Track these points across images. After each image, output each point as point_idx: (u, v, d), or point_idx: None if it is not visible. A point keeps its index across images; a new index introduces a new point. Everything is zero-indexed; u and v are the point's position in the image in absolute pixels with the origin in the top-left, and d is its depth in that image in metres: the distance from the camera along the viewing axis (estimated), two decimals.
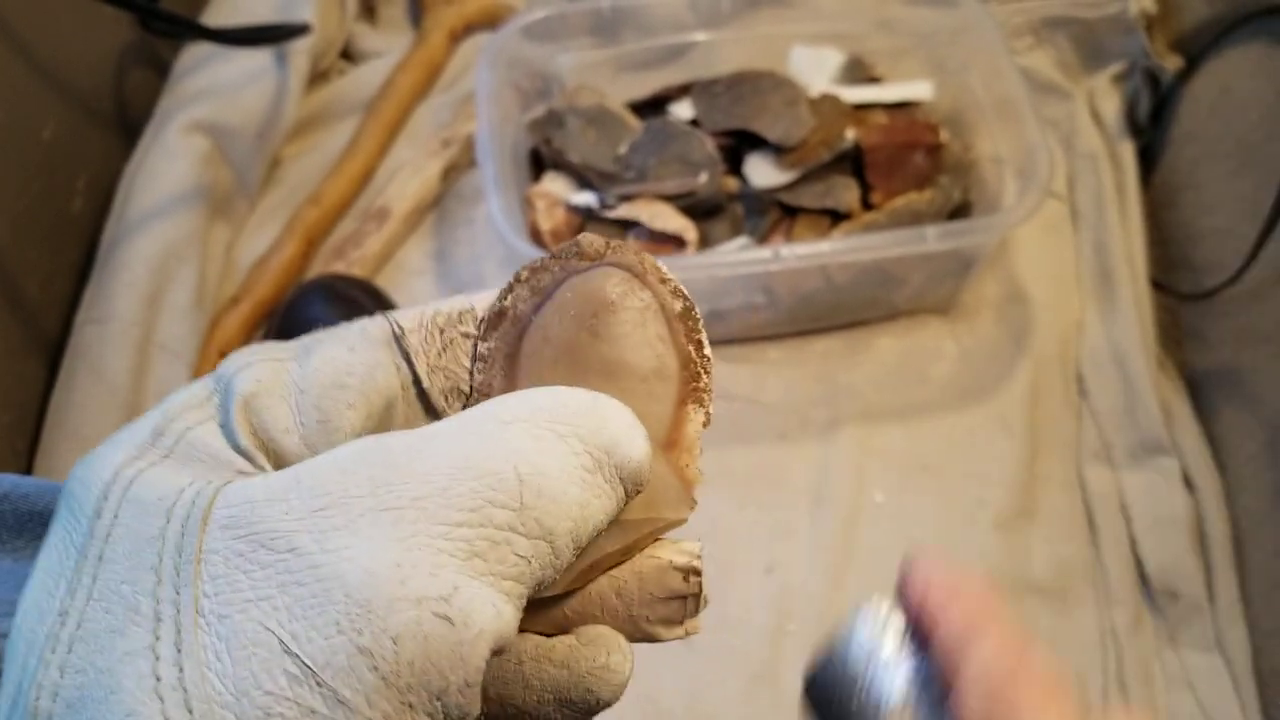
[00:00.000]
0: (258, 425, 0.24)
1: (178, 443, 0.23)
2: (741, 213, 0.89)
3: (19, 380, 0.80)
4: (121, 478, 0.22)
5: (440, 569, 0.20)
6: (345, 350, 0.26)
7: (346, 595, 0.20)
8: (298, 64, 0.94)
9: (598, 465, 0.23)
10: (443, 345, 0.27)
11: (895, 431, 0.85)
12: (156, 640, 0.20)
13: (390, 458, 0.21)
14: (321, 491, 0.21)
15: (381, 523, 0.20)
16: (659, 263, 0.28)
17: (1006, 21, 1.02)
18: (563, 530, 0.22)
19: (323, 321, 0.87)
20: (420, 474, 0.21)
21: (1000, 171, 0.87)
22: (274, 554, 0.20)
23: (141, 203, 0.85)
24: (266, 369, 0.25)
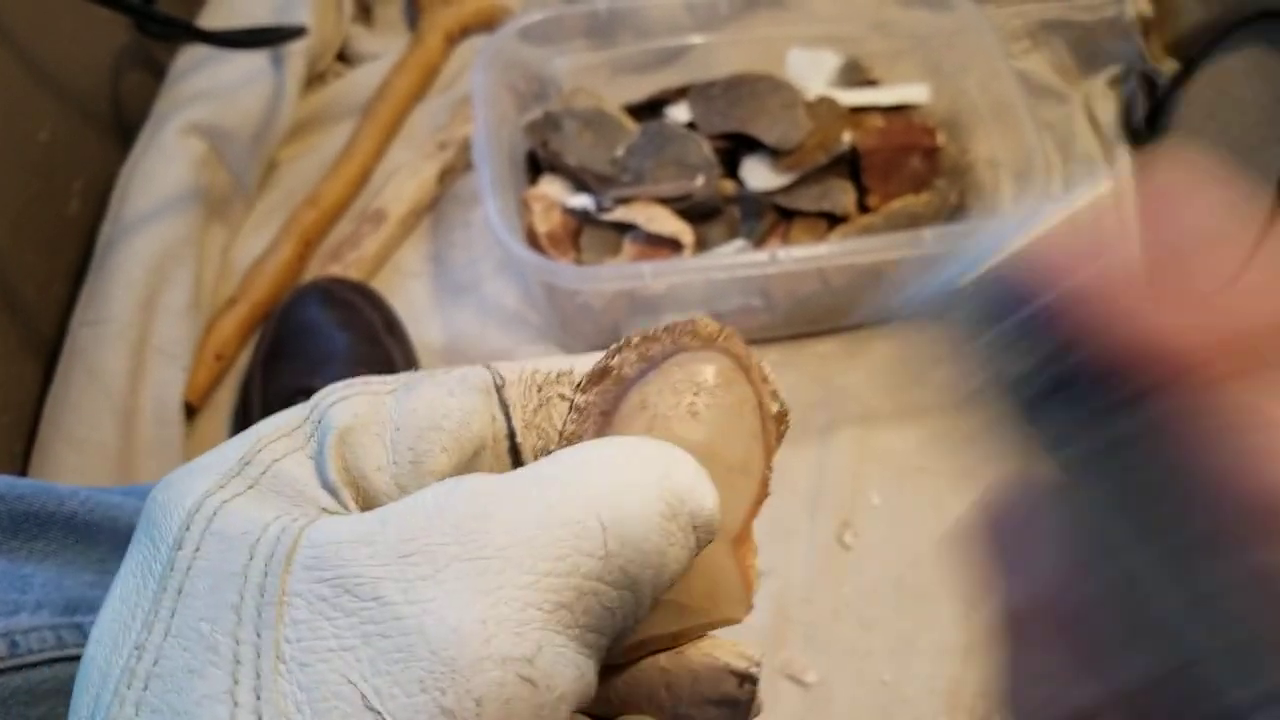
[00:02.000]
0: (351, 461, 0.24)
1: (264, 473, 0.23)
2: (738, 215, 0.89)
3: (15, 382, 0.79)
4: (205, 507, 0.22)
5: (525, 625, 0.20)
6: (445, 393, 0.25)
7: (431, 652, 0.19)
8: (294, 66, 0.94)
9: (673, 513, 0.22)
10: (539, 402, 0.26)
11: (893, 434, 0.85)
12: (235, 684, 0.19)
13: (476, 504, 0.21)
14: (407, 537, 0.20)
15: (467, 574, 0.20)
16: (764, 364, 0.29)
17: (1003, 25, 1.02)
18: (645, 580, 0.22)
19: (319, 324, 0.87)
20: (506, 522, 0.21)
21: (997, 174, 0.87)
22: (358, 601, 0.20)
23: (138, 205, 0.85)
24: (364, 403, 0.25)
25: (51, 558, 0.41)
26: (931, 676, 0.75)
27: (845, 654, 0.76)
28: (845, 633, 0.77)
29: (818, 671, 0.75)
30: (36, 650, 0.37)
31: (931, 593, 0.78)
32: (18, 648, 0.37)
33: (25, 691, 0.37)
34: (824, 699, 0.75)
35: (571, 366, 0.27)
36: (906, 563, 0.79)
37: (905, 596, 0.78)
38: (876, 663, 0.76)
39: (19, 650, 0.37)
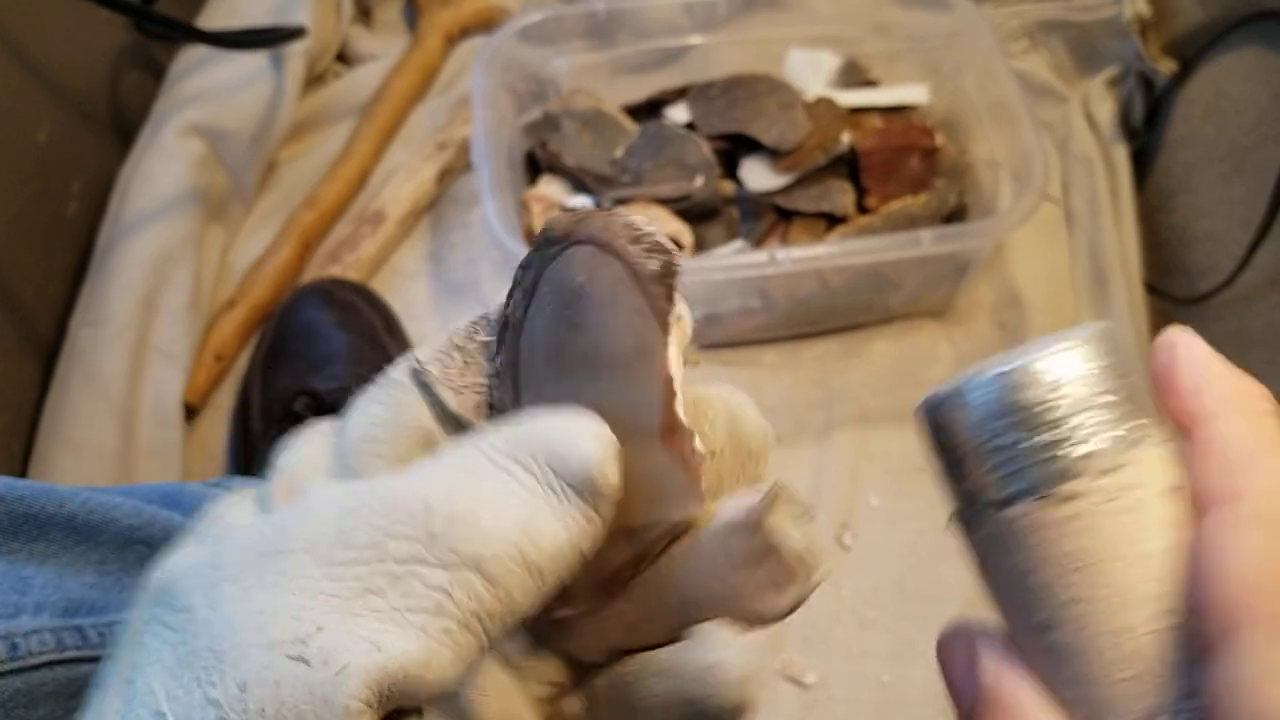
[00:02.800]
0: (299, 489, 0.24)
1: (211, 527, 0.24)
2: (737, 216, 0.89)
3: (13, 383, 0.79)
4: None
5: (306, 610, 0.20)
6: (369, 401, 0.26)
7: (208, 648, 0.20)
8: (293, 67, 0.94)
9: (545, 483, 0.22)
10: (464, 362, 0.26)
11: (891, 435, 0.85)
12: (115, 713, 0.21)
13: (308, 503, 0.21)
14: (225, 544, 0.21)
15: (267, 570, 0.20)
16: (632, 219, 0.25)
17: (1001, 25, 1.02)
18: (494, 553, 0.21)
19: (319, 325, 0.87)
20: (321, 517, 0.21)
21: (995, 175, 0.87)
22: (174, 613, 0.21)
23: (137, 206, 0.85)
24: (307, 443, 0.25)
25: (52, 559, 0.41)
26: (930, 678, 0.75)
27: (844, 655, 0.76)
28: (844, 634, 0.77)
29: (816, 673, 0.75)
30: (36, 653, 0.37)
31: (930, 594, 0.78)
32: (17, 650, 0.37)
33: (25, 694, 0.37)
34: (823, 700, 0.75)
35: (484, 313, 0.26)
36: (905, 564, 0.79)
37: (904, 598, 0.78)
38: (875, 664, 0.76)
39: (19, 653, 0.37)
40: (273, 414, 0.79)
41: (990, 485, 0.23)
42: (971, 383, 0.23)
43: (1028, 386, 0.23)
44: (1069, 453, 0.22)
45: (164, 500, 0.48)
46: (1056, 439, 0.22)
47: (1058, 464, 0.22)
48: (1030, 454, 0.22)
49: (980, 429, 0.23)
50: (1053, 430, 0.22)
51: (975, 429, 0.23)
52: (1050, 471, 0.22)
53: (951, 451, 0.24)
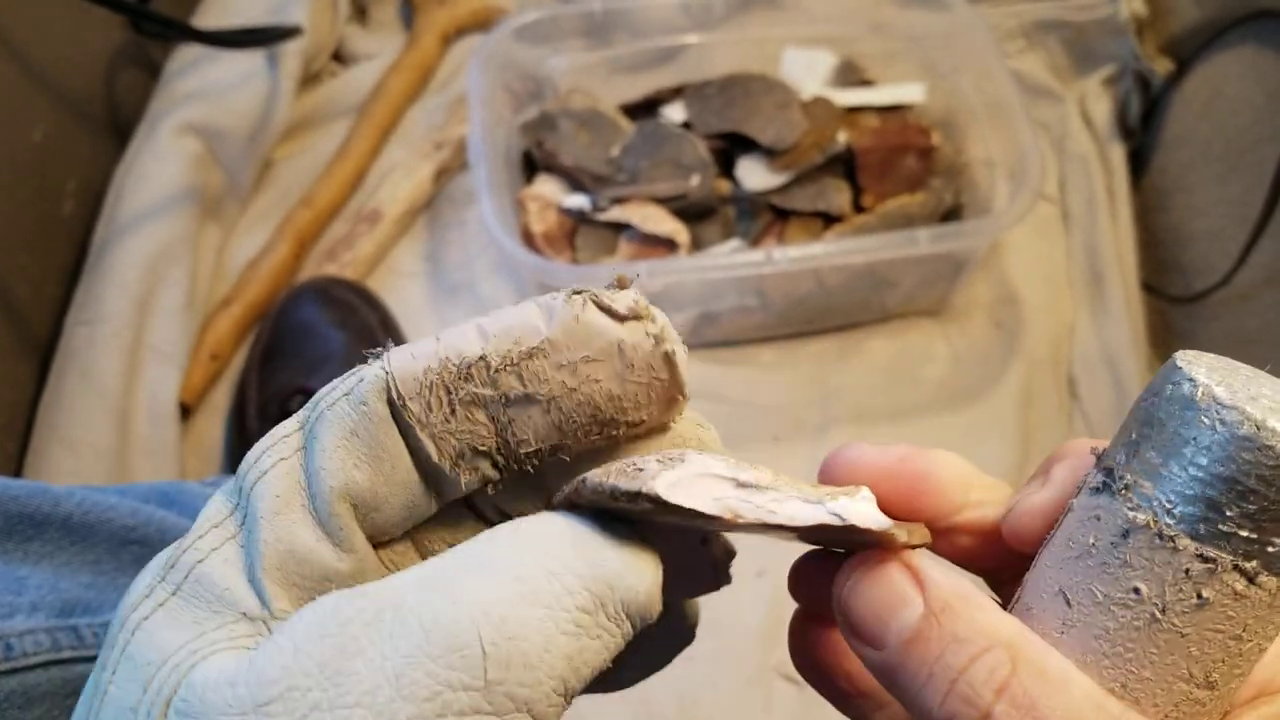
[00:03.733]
0: (288, 546, 0.22)
1: (185, 578, 0.22)
2: (733, 215, 0.89)
3: (9, 382, 0.79)
4: (129, 624, 0.22)
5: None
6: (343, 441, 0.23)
7: None
8: (289, 66, 0.93)
9: (598, 604, 0.21)
10: (451, 408, 0.23)
11: (888, 433, 0.85)
12: None
13: (346, 635, 0.20)
14: (269, 680, 0.20)
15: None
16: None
17: (998, 25, 1.02)
18: (542, 695, 0.20)
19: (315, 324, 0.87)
20: (373, 659, 0.19)
21: (992, 174, 0.87)
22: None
23: (132, 205, 0.85)
24: (282, 475, 0.23)
25: (47, 559, 0.41)
26: None
27: None
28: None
29: None
30: (31, 653, 0.37)
31: None
32: (13, 651, 0.37)
33: (20, 694, 0.37)
34: (820, 699, 0.75)
35: (480, 351, 0.23)
36: None
37: None
38: None
39: (14, 653, 0.37)
40: (269, 413, 0.79)
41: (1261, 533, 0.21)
42: None
43: None
44: None
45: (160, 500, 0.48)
46: None
47: None
48: None
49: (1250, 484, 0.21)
50: None
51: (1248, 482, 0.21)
52: None
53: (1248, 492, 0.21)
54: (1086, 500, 0.23)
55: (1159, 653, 0.22)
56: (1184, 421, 0.22)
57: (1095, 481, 0.23)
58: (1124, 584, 0.22)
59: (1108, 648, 0.22)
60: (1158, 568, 0.22)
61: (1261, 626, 0.22)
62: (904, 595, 0.23)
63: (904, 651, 0.22)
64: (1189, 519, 0.21)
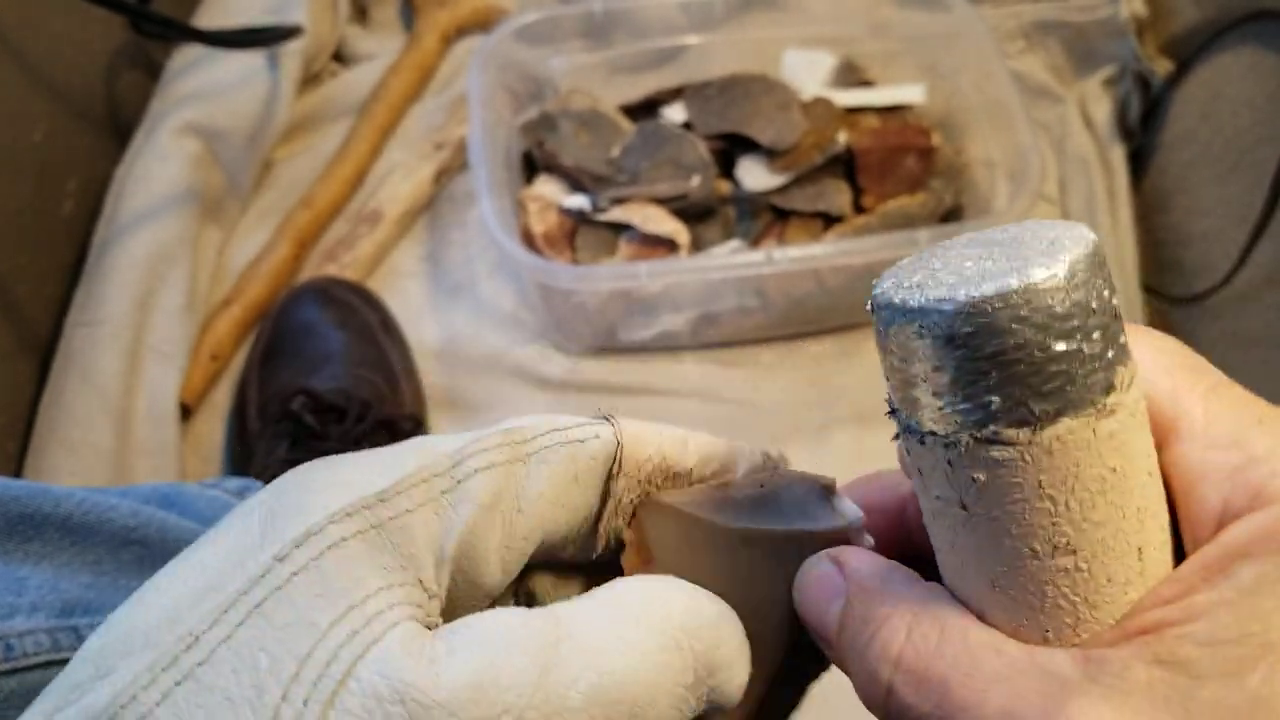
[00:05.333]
0: (477, 539, 0.23)
1: (392, 520, 0.22)
2: (734, 216, 0.89)
3: (9, 383, 0.79)
4: (325, 534, 0.21)
5: None
6: (572, 480, 0.25)
7: None
8: (289, 66, 0.93)
9: (697, 683, 0.23)
10: (638, 495, 0.26)
11: (887, 434, 0.85)
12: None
13: (539, 655, 0.21)
14: (473, 669, 0.21)
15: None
16: None
17: (998, 25, 1.02)
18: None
19: (316, 324, 0.86)
20: (558, 687, 0.21)
21: (992, 175, 0.87)
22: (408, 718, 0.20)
23: (133, 205, 0.85)
24: (502, 476, 0.24)
25: (47, 560, 0.41)
26: None
27: None
28: None
29: None
30: (31, 653, 0.37)
31: None
32: (13, 651, 0.37)
33: (20, 695, 0.37)
34: (820, 699, 0.75)
35: (694, 467, 0.26)
36: None
37: None
38: None
39: (14, 654, 0.37)
40: (269, 413, 0.79)
41: (1022, 400, 0.20)
42: (1004, 291, 0.20)
43: (1062, 293, 0.20)
44: (1107, 364, 0.20)
45: (160, 500, 0.48)
46: (1093, 352, 0.20)
47: (1098, 376, 0.20)
48: (1072, 367, 0.20)
49: (1011, 341, 0.20)
50: (1087, 341, 0.20)
51: (1005, 340, 0.20)
52: (1094, 383, 0.20)
53: (970, 365, 0.21)
54: (902, 454, 0.24)
55: (996, 548, 0.21)
56: (878, 336, 0.23)
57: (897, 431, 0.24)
58: (934, 505, 0.23)
59: (973, 573, 0.22)
60: (937, 474, 0.22)
61: (1064, 474, 0.20)
62: (833, 587, 0.24)
63: (837, 642, 0.24)
64: (925, 417, 0.22)
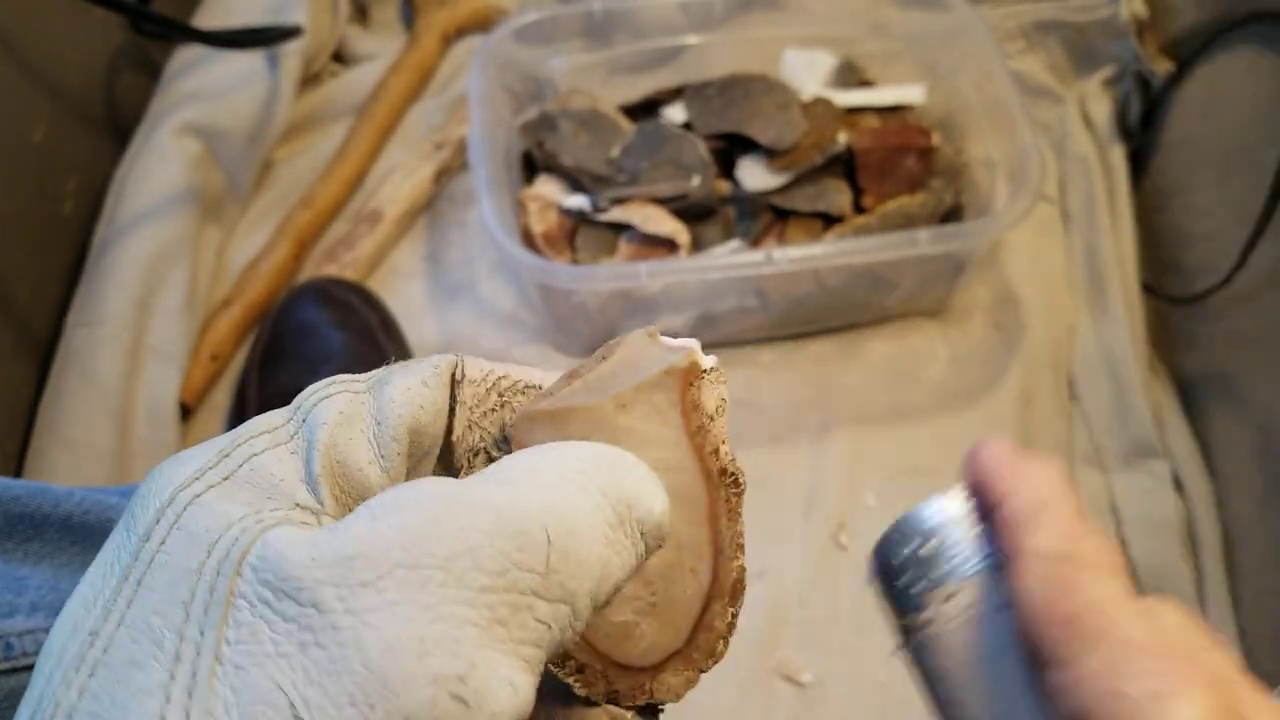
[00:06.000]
0: (340, 457, 0.24)
1: (240, 466, 0.23)
2: (734, 216, 0.89)
3: (9, 383, 0.79)
4: (178, 500, 0.22)
5: (461, 642, 0.20)
6: (419, 383, 0.25)
7: (364, 666, 0.19)
8: (289, 66, 0.93)
9: (620, 521, 0.22)
10: (493, 406, 0.26)
11: (887, 434, 0.85)
12: (171, 680, 0.19)
13: (426, 509, 0.21)
14: (352, 539, 0.20)
15: (408, 584, 0.20)
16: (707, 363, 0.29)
17: (998, 25, 1.02)
18: (584, 591, 0.22)
19: (316, 324, 0.86)
20: (453, 530, 0.21)
21: (992, 175, 0.87)
22: (298, 607, 0.20)
23: (132, 205, 0.85)
24: (345, 400, 0.25)
25: (47, 559, 0.41)
26: None
27: (841, 654, 0.76)
28: (840, 633, 0.77)
29: (813, 672, 0.75)
30: (31, 653, 0.37)
31: None
32: (12, 650, 0.37)
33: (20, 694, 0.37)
34: (820, 699, 0.75)
35: (541, 381, 0.27)
36: None
37: None
38: (872, 663, 0.76)
39: (14, 653, 0.37)
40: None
41: (901, 617, 0.30)
42: (889, 532, 0.30)
43: (909, 537, 0.29)
44: (924, 585, 0.29)
45: None
46: (921, 576, 0.29)
47: (917, 597, 0.29)
48: (909, 589, 0.29)
49: (890, 570, 0.30)
50: (921, 568, 0.29)
51: (888, 570, 0.30)
52: (916, 603, 0.29)
53: (885, 590, 0.31)
54: None
55: None
56: None
57: None
58: None
59: None
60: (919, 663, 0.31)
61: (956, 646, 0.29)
62: None
63: None
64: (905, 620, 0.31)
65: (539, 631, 0.21)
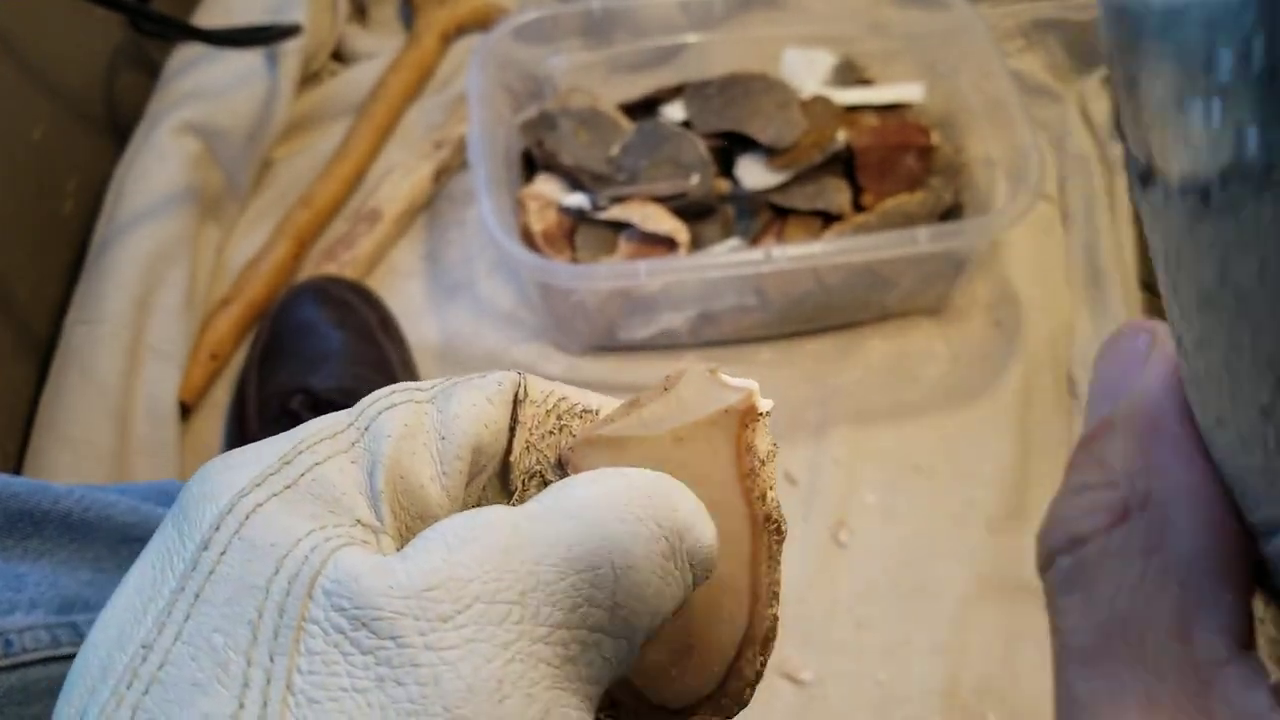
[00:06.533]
0: (405, 471, 0.23)
1: (303, 475, 0.22)
2: (733, 214, 0.89)
3: (9, 381, 0.79)
4: (239, 508, 0.21)
5: (536, 685, 0.19)
6: (485, 400, 0.25)
7: (445, 709, 0.18)
8: (288, 65, 0.93)
9: (673, 551, 0.22)
10: (551, 429, 0.26)
11: (886, 433, 0.85)
12: (240, 709, 0.19)
13: (499, 537, 0.20)
14: (430, 569, 0.20)
15: (487, 620, 0.19)
16: None
17: (997, 24, 1.02)
18: (642, 627, 0.21)
19: (315, 323, 0.86)
20: (527, 562, 0.20)
21: (991, 173, 0.87)
22: (376, 639, 0.19)
23: (132, 204, 0.85)
24: (410, 411, 0.24)
25: (47, 556, 0.41)
26: (926, 675, 0.75)
27: (840, 652, 0.76)
28: (840, 631, 0.77)
29: (813, 670, 0.75)
30: (31, 649, 0.37)
31: (926, 591, 0.78)
32: (12, 647, 0.37)
33: (20, 690, 0.37)
34: (819, 697, 0.75)
35: (598, 406, 0.26)
36: (901, 562, 0.79)
37: (900, 595, 0.78)
38: (871, 661, 0.76)
39: (13, 649, 0.37)
40: (269, 412, 0.79)
41: None
42: None
43: None
44: None
45: (160, 498, 0.48)
46: None
47: None
48: None
49: None
50: None
51: None
52: None
53: None
54: None
55: None
56: None
57: None
58: None
59: None
60: None
61: None
62: None
63: None
64: None
65: (603, 669, 0.21)
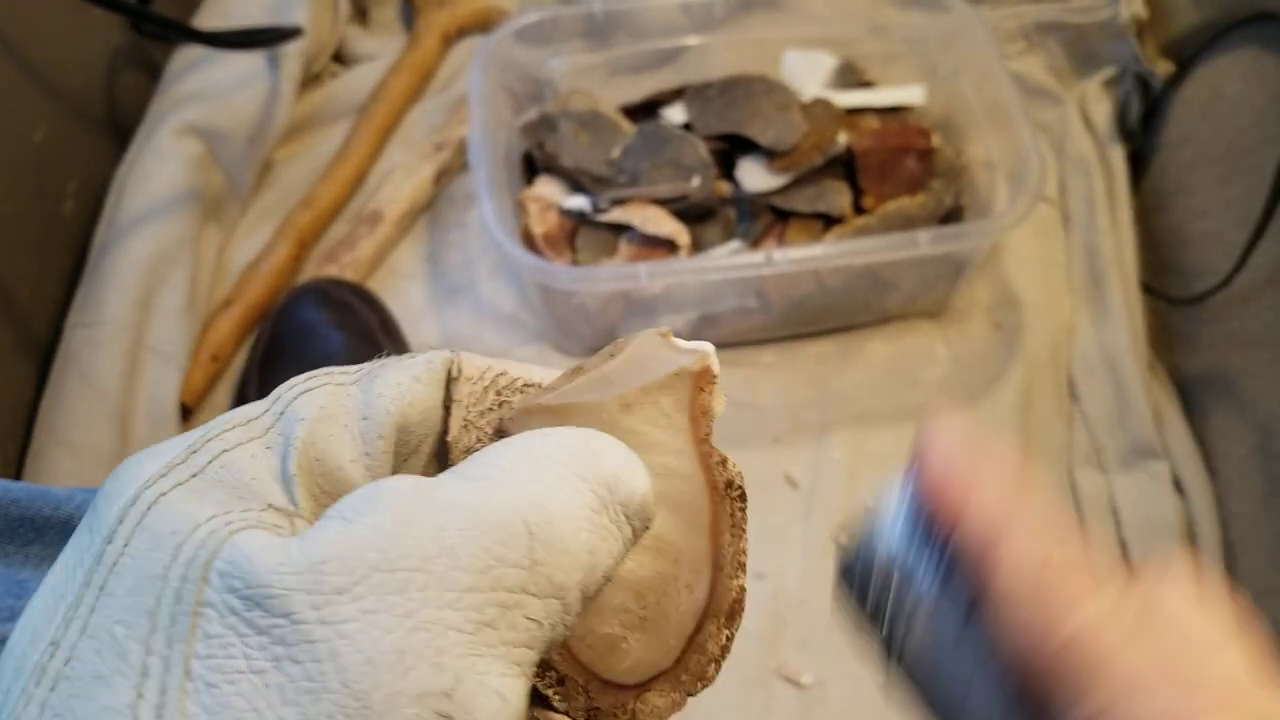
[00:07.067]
0: (321, 454, 0.22)
1: (210, 462, 0.21)
2: (734, 217, 0.89)
3: (8, 384, 0.79)
4: (142, 499, 0.20)
5: (444, 654, 0.19)
6: (411, 379, 0.24)
7: (344, 684, 0.18)
8: (289, 67, 0.93)
9: (603, 505, 0.21)
10: (490, 405, 0.25)
11: (887, 435, 0.85)
12: (139, 698, 0.18)
13: (398, 507, 0.20)
14: (324, 541, 0.19)
15: (386, 589, 0.19)
16: None
17: (998, 26, 1.02)
18: (573, 583, 0.20)
19: (316, 325, 0.86)
20: (429, 530, 0.19)
21: (992, 176, 0.87)
22: (269, 617, 0.18)
23: (133, 206, 0.85)
24: (328, 394, 0.23)
25: (48, 562, 0.41)
26: None
27: (840, 656, 0.76)
28: (841, 635, 0.77)
29: (813, 673, 0.75)
30: None
31: None
32: None
33: None
34: (819, 700, 0.75)
35: (541, 379, 0.26)
36: None
37: None
38: (872, 665, 0.76)
39: None
40: None
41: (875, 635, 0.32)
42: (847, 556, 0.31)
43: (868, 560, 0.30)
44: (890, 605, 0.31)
45: None
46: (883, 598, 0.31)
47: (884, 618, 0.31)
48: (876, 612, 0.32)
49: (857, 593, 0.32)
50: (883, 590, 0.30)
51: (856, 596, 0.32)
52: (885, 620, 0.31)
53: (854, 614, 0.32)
54: None
55: None
56: None
57: None
58: None
59: None
60: None
61: None
62: None
63: None
64: None
65: (530, 631, 0.20)
